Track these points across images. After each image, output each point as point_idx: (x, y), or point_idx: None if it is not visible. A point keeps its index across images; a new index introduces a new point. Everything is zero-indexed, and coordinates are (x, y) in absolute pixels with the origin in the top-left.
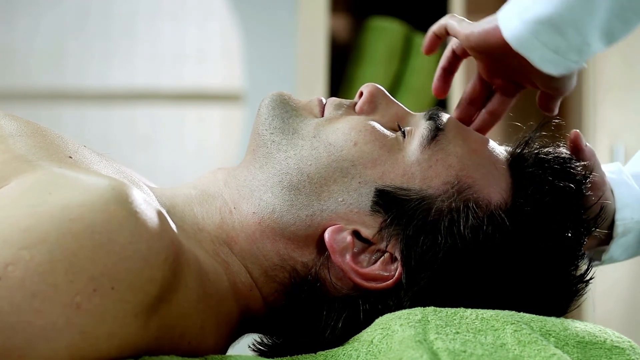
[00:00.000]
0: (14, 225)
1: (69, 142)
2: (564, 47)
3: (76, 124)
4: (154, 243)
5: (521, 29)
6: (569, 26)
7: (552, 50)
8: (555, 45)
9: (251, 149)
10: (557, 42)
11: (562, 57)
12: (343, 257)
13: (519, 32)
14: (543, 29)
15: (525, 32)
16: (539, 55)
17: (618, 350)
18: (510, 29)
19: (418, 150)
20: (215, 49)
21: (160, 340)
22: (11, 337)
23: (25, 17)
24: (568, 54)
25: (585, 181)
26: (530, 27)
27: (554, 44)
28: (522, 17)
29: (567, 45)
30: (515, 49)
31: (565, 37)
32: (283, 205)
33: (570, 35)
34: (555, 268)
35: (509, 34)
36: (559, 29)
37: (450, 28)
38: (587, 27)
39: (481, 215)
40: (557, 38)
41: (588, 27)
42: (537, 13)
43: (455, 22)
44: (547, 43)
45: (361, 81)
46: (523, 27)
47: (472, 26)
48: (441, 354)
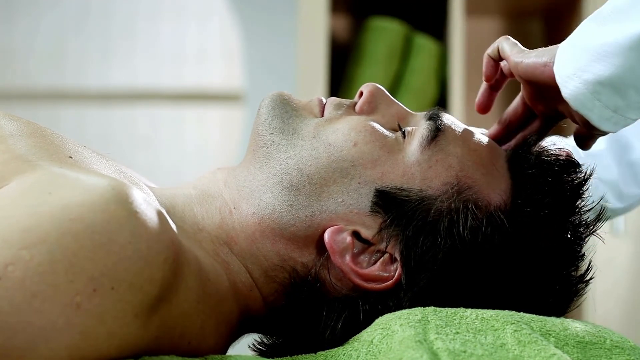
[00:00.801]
0: (14, 225)
1: (69, 142)
2: (623, 106)
3: (76, 124)
4: (154, 243)
5: (581, 89)
6: (630, 88)
7: (611, 110)
8: (615, 105)
9: (251, 149)
10: (617, 102)
11: (621, 116)
12: (343, 258)
13: (579, 92)
14: (604, 90)
15: (586, 92)
16: (597, 114)
17: (618, 350)
18: (569, 88)
19: (418, 150)
20: (215, 49)
21: (160, 340)
22: (11, 338)
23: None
24: (627, 112)
25: (585, 182)
26: (590, 88)
27: (614, 104)
28: (582, 77)
29: (626, 105)
30: (574, 108)
31: (625, 98)
32: (283, 205)
33: (631, 95)
34: (554, 269)
35: (568, 93)
36: (619, 90)
37: (502, 51)
38: None
39: (480, 216)
40: (617, 99)
41: None
42: (597, 74)
43: (508, 46)
44: (607, 103)
45: (361, 81)
46: (583, 87)
47: (522, 55)
48: (441, 354)
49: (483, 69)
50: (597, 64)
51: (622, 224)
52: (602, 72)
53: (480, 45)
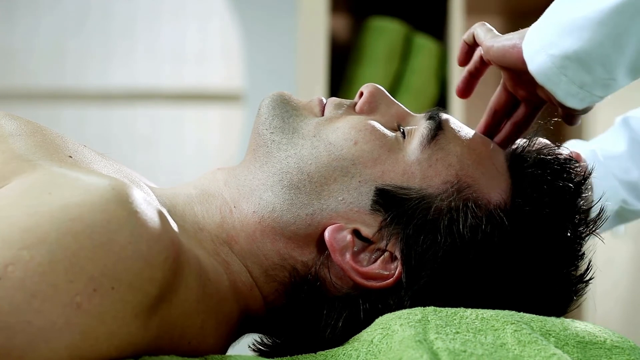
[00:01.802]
0: (14, 225)
1: (69, 142)
2: (589, 82)
3: (76, 124)
4: (154, 243)
5: (548, 63)
6: (597, 63)
7: (577, 85)
8: (581, 80)
9: (251, 148)
10: (583, 77)
11: (587, 92)
12: (343, 256)
13: (545, 66)
14: (570, 65)
15: (552, 66)
16: (563, 90)
17: (618, 350)
18: (535, 62)
19: (418, 149)
20: (215, 49)
21: (160, 340)
22: (11, 337)
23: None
24: (593, 89)
25: (584, 181)
26: (557, 62)
27: (580, 79)
28: (549, 51)
29: (593, 81)
30: (540, 82)
31: (591, 73)
32: (283, 204)
33: (598, 71)
34: (554, 267)
35: (534, 67)
36: (586, 66)
37: (476, 36)
38: (615, 63)
39: (480, 215)
40: (584, 74)
41: (616, 63)
42: (564, 48)
43: (482, 32)
44: (573, 78)
45: (361, 81)
46: (550, 61)
47: (494, 40)
48: (441, 353)
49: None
50: (565, 38)
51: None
52: (570, 47)
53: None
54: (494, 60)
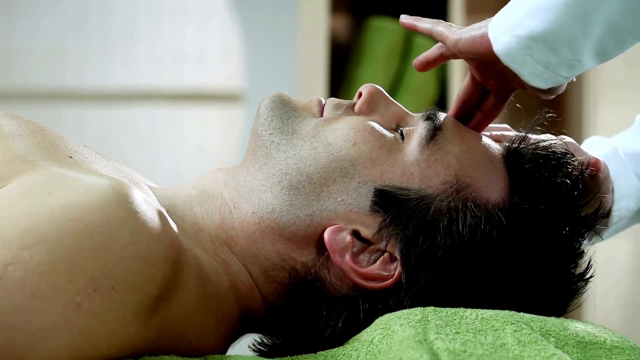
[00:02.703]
0: (14, 225)
1: (69, 142)
2: (555, 62)
3: (76, 124)
4: (154, 243)
5: (513, 43)
6: (562, 44)
7: (542, 66)
8: (547, 61)
9: (251, 149)
10: (549, 58)
11: (553, 72)
12: (342, 257)
13: (510, 46)
14: (535, 45)
15: (517, 46)
16: (528, 70)
17: (618, 350)
18: (501, 42)
19: (417, 150)
20: (215, 49)
21: (160, 340)
22: (11, 337)
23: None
24: (559, 69)
25: (582, 176)
26: (522, 43)
27: (545, 59)
28: (514, 32)
29: (558, 61)
30: (505, 62)
31: (557, 54)
32: (282, 205)
33: (563, 52)
34: (553, 265)
35: (499, 47)
36: (551, 46)
37: (438, 35)
38: (581, 45)
39: (479, 214)
40: (549, 54)
41: (581, 45)
42: (529, 29)
43: (443, 28)
44: (538, 59)
45: (361, 81)
46: (515, 41)
47: (460, 32)
48: (441, 354)
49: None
50: (531, 19)
51: None
52: (535, 27)
53: None
54: (464, 51)
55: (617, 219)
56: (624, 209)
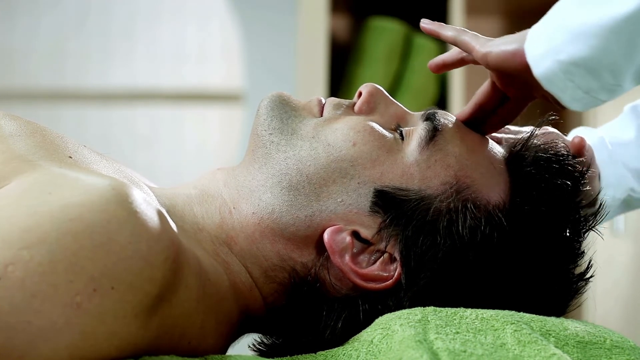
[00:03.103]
0: (14, 225)
1: (69, 142)
2: (596, 88)
3: (76, 124)
4: (154, 243)
5: (555, 69)
6: (605, 70)
7: (583, 91)
8: (588, 86)
9: (250, 149)
10: (590, 83)
11: (593, 97)
12: (342, 258)
13: (552, 72)
14: (577, 71)
15: (559, 72)
16: (569, 95)
17: (618, 350)
18: (541, 67)
19: (417, 150)
20: (215, 49)
21: (160, 340)
22: (11, 337)
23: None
24: (599, 94)
25: (583, 179)
26: (564, 68)
27: (587, 85)
28: (556, 57)
29: (599, 87)
30: (545, 87)
31: (599, 80)
32: (282, 205)
33: (605, 78)
34: (554, 266)
35: (540, 72)
36: (594, 72)
37: (463, 44)
38: (624, 71)
39: (479, 216)
40: (591, 80)
41: (624, 70)
42: (573, 55)
43: (469, 38)
44: (579, 84)
45: (361, 81)
46: (557, 67)
47: (490, 46)
48: (441, 353)
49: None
50: (574, 44)
51: (622, 223)
52: (578, 53)
53: None
54: (493, 66)
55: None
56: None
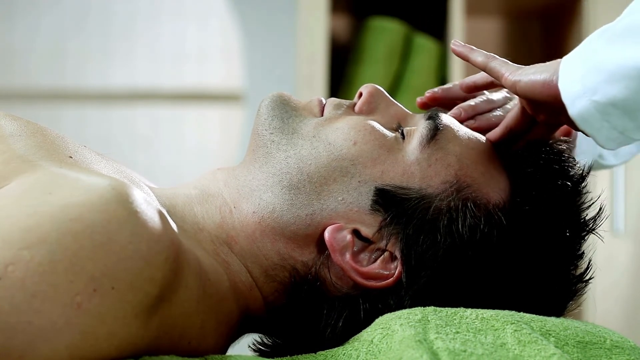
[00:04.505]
0: (14, 225)
1: (69, 142)
2: (631, 128)
3: (76, 124)
4: (154, 243)
5: (591, 109)
6: None
7: (618, 131)
8: (624, 126)
9: (251, 149)
10: (626, 124)
11: (627, 137)
12: (343, 256)
13: (588, 112)
14: (615, 112)
15: (595, 112)
16: (604, 135)
17: (618, 350)
18: (577, 107)
19: (417, 149)
20: (215, 49)
21: (160, 340)
22: (11, 337)
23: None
24: (634, 133)
25: (583, 180)
26: (601, 109)
27: (622, 125)
28: (592, 97)
29: (635, 127)
30: (580, 127)
31: (635, 120)
32: (283, 204)
33: None
34: (554, 267)
35: (576, 112)
36: (631, 113)
37: (493, 71)
38: None
39: (479, 215)
40: (627, 121)
41: None
42: (610, 96)
43: (499, 66)
44: (615, 125)
45: (361, 81)
46: (593, 107)
47: (519, 74)
48: (441, 353)
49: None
50: (611, 86)
51: (622, 223)
52: (617, 95)
53: (480, 46)
54: (522, 95)
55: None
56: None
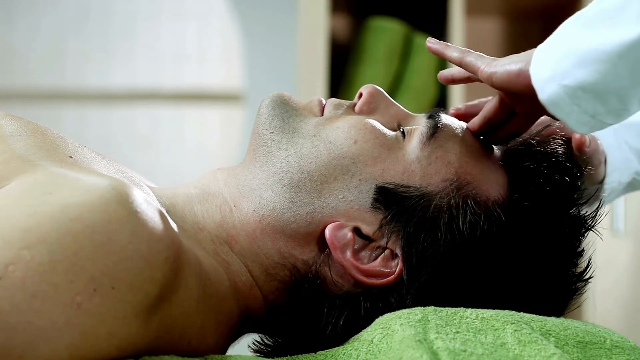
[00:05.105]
0: (14, 225)
1: (69, 142)
2: (602, 112)
3: (76, 124)
4: (154, 243)
5: (561, 93)
6: (612, 95)
7: (589, 115)
8: (594, 110)
9: (251, 148)
10: (597, 108)
11: (599, 121)
12: (344, 254)
13: (557, 96)
14: (584, 96)
15: (565, 96)
16: (575, 119)
17: (618, 350)
18: (547, 92)
19: (418, 147)
20: (215, 49)
21: (160, 340)
22: (11, 337)
23: (25, 17)
24: (606, 117)
25: (580, 175)
26: (570, 93)
27: (593, 109)
28: (562, 82)
29: (606, 111)
30: (551, 111)
31: (605, 104)
32: (283, 203)
33: (612, 102)
34: (552, 263)
35: (546, 97)
36: (601, 97)
37: (468, 66)
38: (630, 95)
39: (479, 211)
40: (597, 105)
41: (630, 95)
42: (580, 80)
43: (474, 59)
44: (586, 109)
45: (361, 81)
46: (563, 92)
47: (495, 66)
48: (441, 353)
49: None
50: (581, 69)
51: (622, 223)
52: (586, 78)
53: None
54: (498, 86)
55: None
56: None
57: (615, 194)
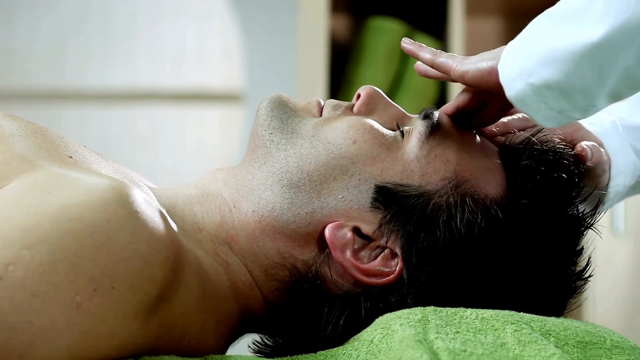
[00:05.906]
0: (14, 225)
1: (69, 142)
2: (569, 108)
3: (76, 124)
4: (154, 243)
5: (527, 91)
6: (577, 92)
7: (556, 111)
8: (560, 107)
9: (250, 149)
10: (563, 104)
11: (566, 116)
12: (344, 253)
13: (524, 94)
14: (550, 94)
15: (531, 94)
16: (542, 115)
17: (618, 350)
18: (514, 89)
19: (417, 146)
20: (215, 49)
21: (160, 340)
22: (11, 337)
23: (25, 17)
24: (573, 113)
25: (578, 172)
26: (536, 91)
27: (559, 106)
28: (528, 80)
29: (572, 107)
30: (518, 108)
31: (571, 101)
32: (283, 203)
33: (577, 99)
34: (551, 261)
35: (512, 94)
36: (566, 94)
37: (440, 67)
38: (596, 93)
39: (477, 209)
40: (563, 102)
41: (596, 93)
42: (544, 78)
43: (445, 59)
44: (552, 105)
45: (361, 81)
46: (529, 89)
47: (466, 65)
48: (441, 353)
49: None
50: (546, 68)
51: (622, 223)
52: (551, 77)
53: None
54: (471, 84)
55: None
56: (620, 185)
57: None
